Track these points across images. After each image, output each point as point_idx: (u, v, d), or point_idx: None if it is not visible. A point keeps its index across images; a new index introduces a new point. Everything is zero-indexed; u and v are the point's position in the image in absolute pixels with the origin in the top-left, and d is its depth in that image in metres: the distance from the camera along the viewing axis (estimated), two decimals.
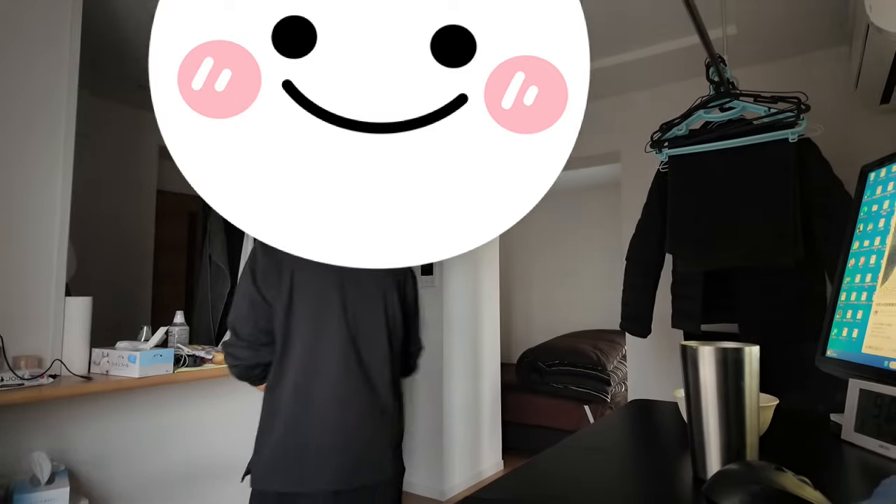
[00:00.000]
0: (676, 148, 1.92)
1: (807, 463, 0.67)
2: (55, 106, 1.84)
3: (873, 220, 0.77)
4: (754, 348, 0.61)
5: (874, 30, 1.73)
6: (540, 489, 0.64)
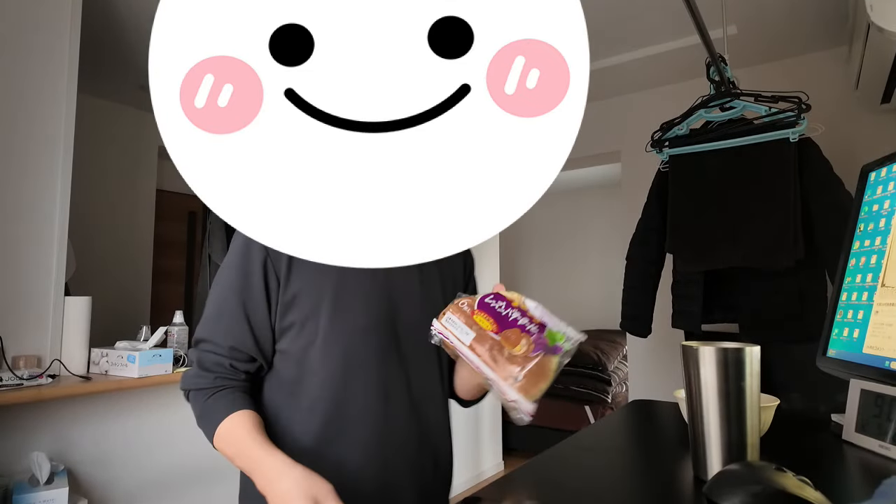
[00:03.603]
0: (677, 147, 1.92)
1: (807, 463, 0.67)
2: (55, 106, 1.83)
3: (874, 219, 0.77)
4: (755, 348, 0.60)
5: (875, 29, 1.73)
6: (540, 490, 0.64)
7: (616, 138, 3.21)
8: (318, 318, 0.77)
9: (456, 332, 0.69)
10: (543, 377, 0.65)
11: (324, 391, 0.78)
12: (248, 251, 0.78)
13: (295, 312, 0.78)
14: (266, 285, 0.78)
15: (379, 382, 0.79)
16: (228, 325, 0.78)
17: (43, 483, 1.49)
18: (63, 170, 1.84)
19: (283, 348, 0.80)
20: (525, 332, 0.68)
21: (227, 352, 0.77)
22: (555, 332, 0.69)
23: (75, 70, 1.89)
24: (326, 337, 0.78)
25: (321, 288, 0.78)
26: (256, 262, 0.78)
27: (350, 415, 0.78)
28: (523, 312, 0.70)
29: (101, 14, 2.30)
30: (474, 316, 0.70)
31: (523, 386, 0.65)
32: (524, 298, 0.73)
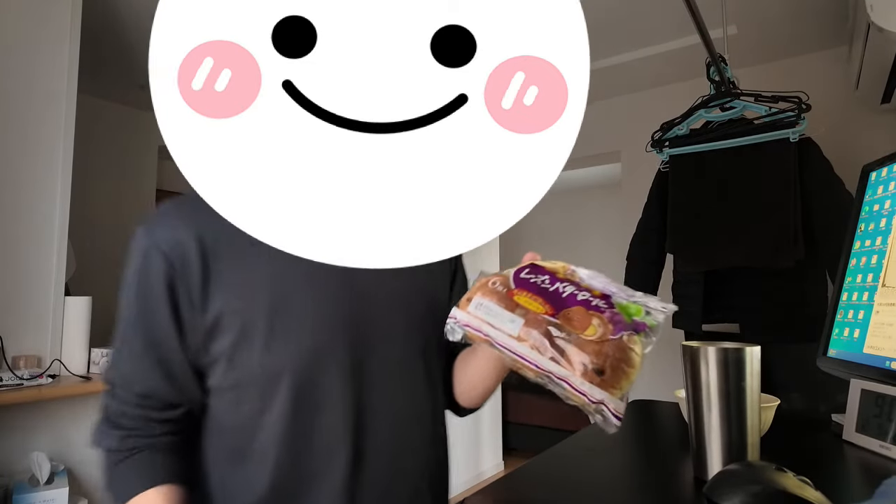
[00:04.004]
0: (677, 147, 1.92)
1: (808, 463, 0.67)
2: (55, 106, 1.84)
3: (874, 219, 0.77)
4: (755, 348, 0.60)
5: (875, 29, 1.73)
6: (540, 490, 0.64)
7: (616, 138, 3.21)
8: (253, 344, 0.61)
9: (493, 321, 0.53)
10: (629, 364, 0.50)
11: (273, 437, 0.61)
12: (146, 266, 0.62)
13: (221, 340, 0.61)
14: (174, 309, 0.61)
15: (344, 417, 0.63)
16: (133, 367, 0.62)
17: (43, 483, 1.49)
18: (63, 170, 1.84)
19: (214, 385, 0.63)
20: (592, 308, 0.52)
21: (137, 400, 0.61)
22: (627, 305, 0.53)
23: (75, 70, 1.89)
24: (267, 367, 0.61)
25: (253, 303, 0.61)
26: (157, 279, 0.61)
27: (310, 466, 0.62)
28: (576, 284, 0.55)
29: (102, 14, 2.30)
30: (515, 297, 0.54)
31: (608, 380, 0.49)
32: (572, 267, 0.58)
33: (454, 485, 0.79)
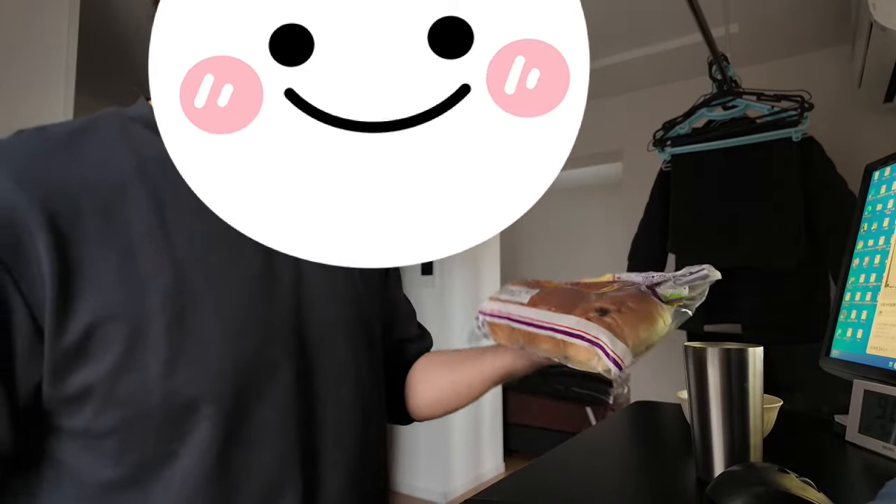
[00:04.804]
0: (679, 146, 1.92)
1: (811, 464, 0.67)
2: (54, 107, 1.84)
3: (878, 219, 0.76)
4: (758, 349, 0.60)
5: (878, 28, 1.72)
6: (541, 492, 0.64)
7: (617, 137, 3.20)
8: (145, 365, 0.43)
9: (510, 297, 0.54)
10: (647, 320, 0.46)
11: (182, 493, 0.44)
12: None
13: (92, 364, 0.42)
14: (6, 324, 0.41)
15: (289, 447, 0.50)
16: None
17: None
18: None
19: (76, 429, 0.44)
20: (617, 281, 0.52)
21: None
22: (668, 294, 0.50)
23: (73, 70, 1.90)
24: (171, 397, 0.44)
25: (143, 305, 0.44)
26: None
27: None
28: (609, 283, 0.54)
29: (100, 14, 2.30)
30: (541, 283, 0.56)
31: (611, 322, 0.45)
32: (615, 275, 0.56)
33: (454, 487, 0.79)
